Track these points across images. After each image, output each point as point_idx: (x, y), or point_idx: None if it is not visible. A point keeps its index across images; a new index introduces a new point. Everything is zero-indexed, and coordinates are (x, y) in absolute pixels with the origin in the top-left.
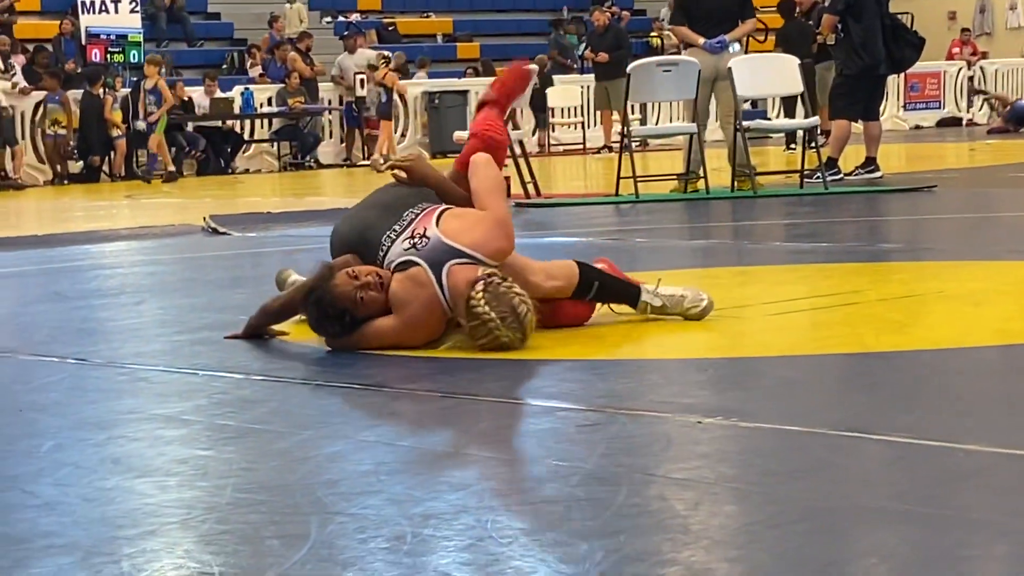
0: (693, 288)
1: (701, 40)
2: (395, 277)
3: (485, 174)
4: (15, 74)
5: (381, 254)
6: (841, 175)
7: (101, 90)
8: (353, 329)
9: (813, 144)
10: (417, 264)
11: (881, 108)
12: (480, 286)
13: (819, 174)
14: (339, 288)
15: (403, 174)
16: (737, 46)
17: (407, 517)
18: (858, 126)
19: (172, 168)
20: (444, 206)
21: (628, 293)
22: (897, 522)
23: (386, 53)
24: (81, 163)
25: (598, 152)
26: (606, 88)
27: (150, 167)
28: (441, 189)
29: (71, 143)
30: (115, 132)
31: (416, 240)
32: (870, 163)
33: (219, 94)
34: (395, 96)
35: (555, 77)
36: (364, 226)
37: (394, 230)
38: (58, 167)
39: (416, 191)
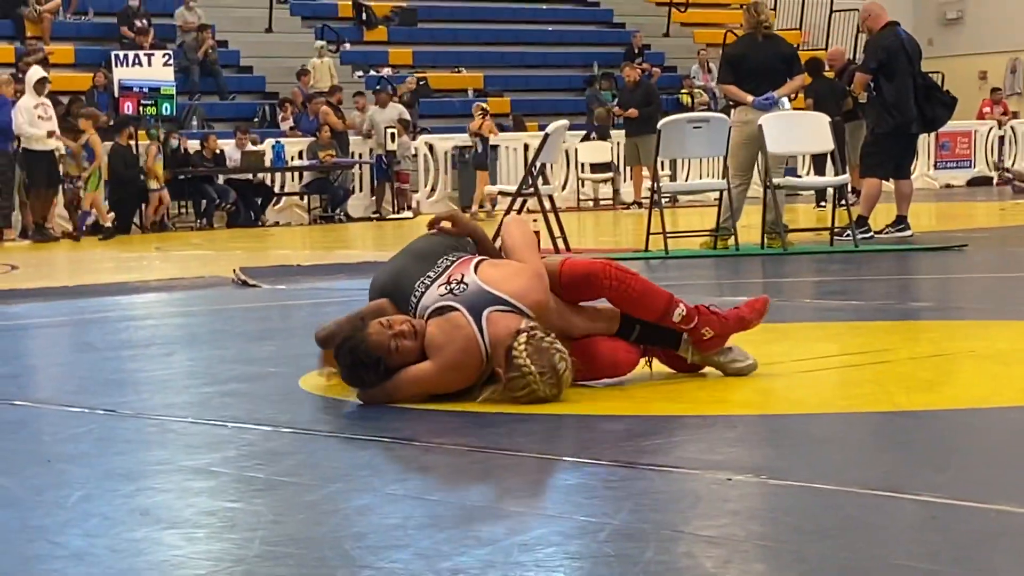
0: (739, 346)
1: (750, 98)
2: (431, 322)
3: (518, 231)
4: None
5: (414, 300)
6: (871, 233)
7: (132, 141)
8: (387, 377)
9: (844, 202)
10: (455, 309)
11: (912, 167)
12: (523, 337)
13: (849, 232)
14: (373, 337)
15: (448, 224)
16: (787, 102)
17: (435, 572)
18: (889, 184)
19: (109, 224)
20: (480, 256)
21: (671, 337)
22: None
23: (483, 104)
24: (112, 214)
25: (627, 208)
26: (636, 144)
27: (81, 223)
28: (484, 243)
29: (79, 194)
30: (153, 184)
31: (453, 286)
32: (900, 221)
33: (250, 147)
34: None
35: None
36: (398, 272)
37: (428, 276)
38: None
39: (452, 241)
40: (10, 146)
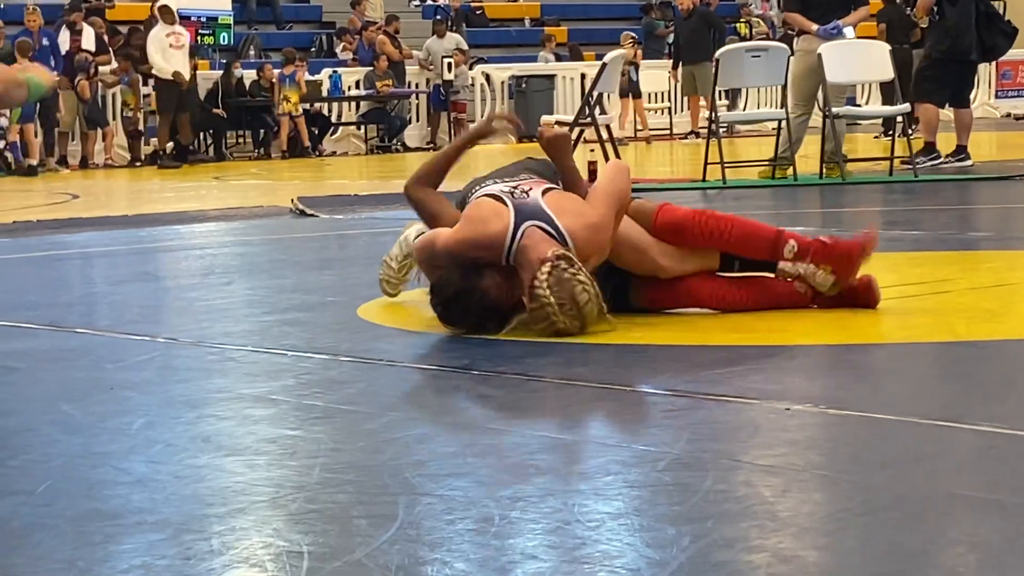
0: None
1: (815, 27)
2: (477, 200)
3: (615, 179)
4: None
5: (476, 190)
6: (941, 158)
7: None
8: (505, 322)
9: (908, 132)
10: (505, 204)
11: (972, 96)
12: (547, 268)
13: (918, 160)
14: (493, 291)
15: (553, 131)
16: (851, 31)
17: (494, 499)
18: (947, 113)
19: (34, 162)
20: (554, 186)
21: (766, 265)
22: (988, 511)
23: (631, 33)
24: (171, 144)
25: (685, 138)
26: (692, 73)
27: (16, 157)
28: (569, 176)
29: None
30: (283, 110)
31: (515, 190)
32: (960, 151)
33: (307, 77)
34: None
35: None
36: (474, 180)
37: (495, 181)
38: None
39: (540, 168)
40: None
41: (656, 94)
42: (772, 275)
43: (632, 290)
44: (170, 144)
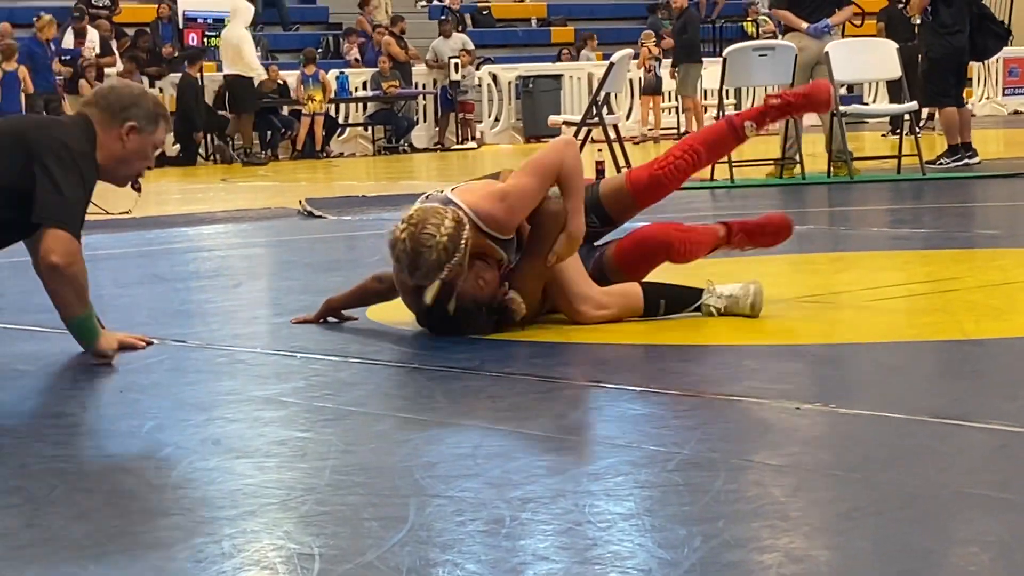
0: (742, 284)
1: (804, 24)
2: (428, 208)
3: (548, 151)
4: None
5: None
6: (974, 157)
7: (199, 73)
8: (495, 313)
9: (918, 129)
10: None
11: (980, 93)
12: (405, 223)
13: (943, 160)
14: (465, 288)
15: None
16: (837, 30)
17: (505, 500)
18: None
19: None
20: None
21: (694, 300)
22: (999, 510)
23: (651, 32)
24: (177, 146)
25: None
26: (677, 73)
27: None
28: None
29: None
30: (306, 109)
31: (430, 195)
32: (966, 148)
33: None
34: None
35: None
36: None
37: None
38: None
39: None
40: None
41: (664, 93)
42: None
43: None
44: (176, 147)
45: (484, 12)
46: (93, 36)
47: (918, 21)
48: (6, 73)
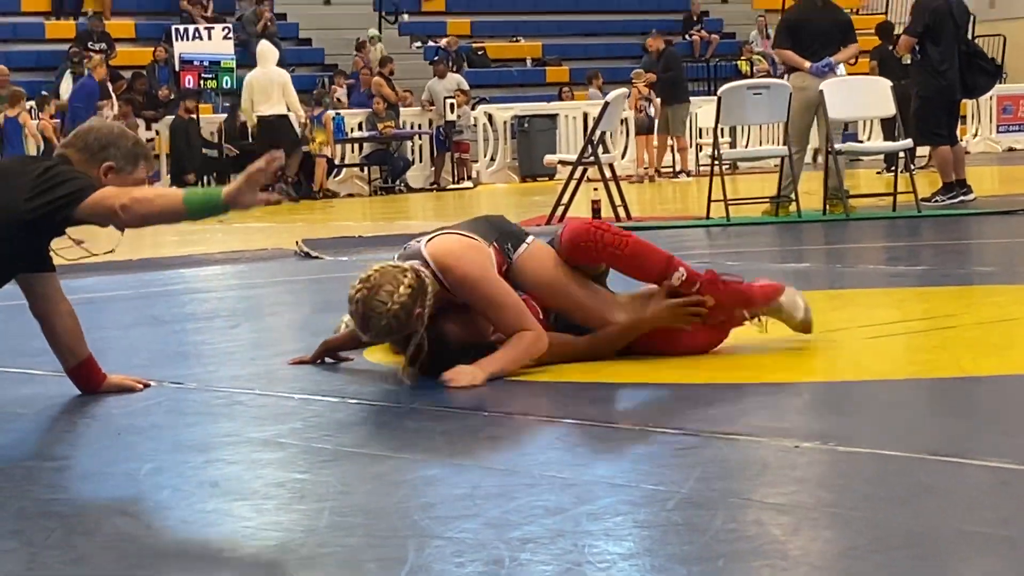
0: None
1: (807, 64)
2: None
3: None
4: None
5: None
6: (970, 194)
7: (192, 115)
8: (476, 354)
9: (912, 166)
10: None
11: (974, 130)
12: (361, 283)
13: (938, 197)
14: (448, 331)
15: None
16: (842, 68)
17: (504, 541)
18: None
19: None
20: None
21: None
22: (1001, 548)
23: (640, 70)
24: (174, 187)
25: (677, 176)
26: (667, 113)
27: None
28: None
29: None
30: (315, 149)
31: (407, 246)
32: (962, 185)
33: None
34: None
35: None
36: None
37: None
38: None
39: (485, 226)
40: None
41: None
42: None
43: None
44: (173, 187)
45: (479, 52)
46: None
47: (908, 61)
48: (8, 119)
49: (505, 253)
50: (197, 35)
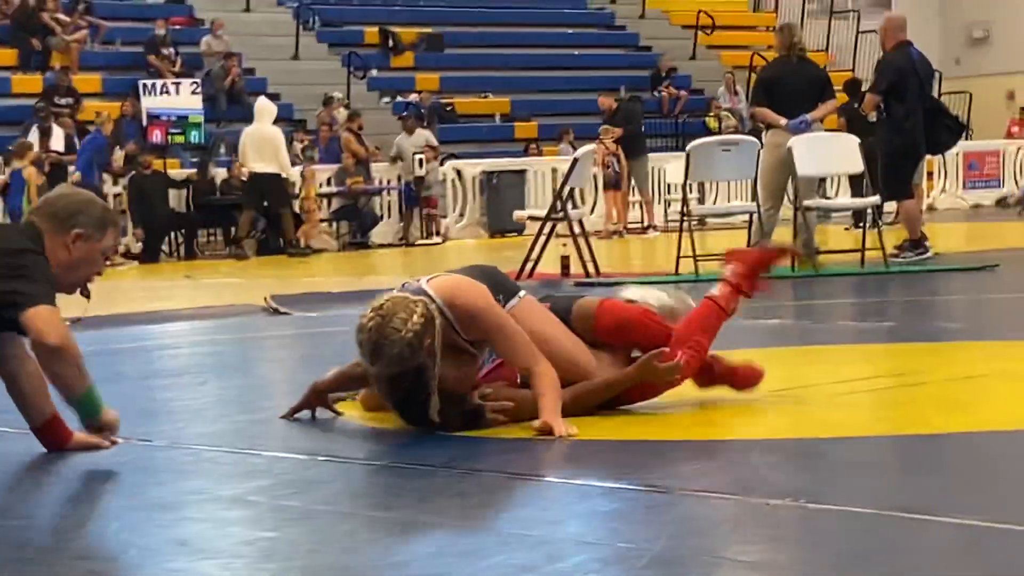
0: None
1: (784, 121)
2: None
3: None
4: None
5: None
6: (931, 252)
7: (155, 171)
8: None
9: (880, 222)
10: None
11: (941, 186)
12: (373, 311)
13: (902, 254)
14: (449, 382)
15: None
16: (819, 125)
17: None
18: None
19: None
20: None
21: None
22: None
23: (607, 126)
24: (140, 244)
25: (646, 231)
26: (631, 167)
27: None
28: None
29: None
30: (304, 206)
31: (407, 283)
32: (916, 244)
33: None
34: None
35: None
36: None
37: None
38: None
39: (483, 275)
40: (94, 178)
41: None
42: None
43: None
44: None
45: (448, 108)
46: (58, 134)
47: (874, 118)
48: (14, 172)
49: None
50: (165, 90)
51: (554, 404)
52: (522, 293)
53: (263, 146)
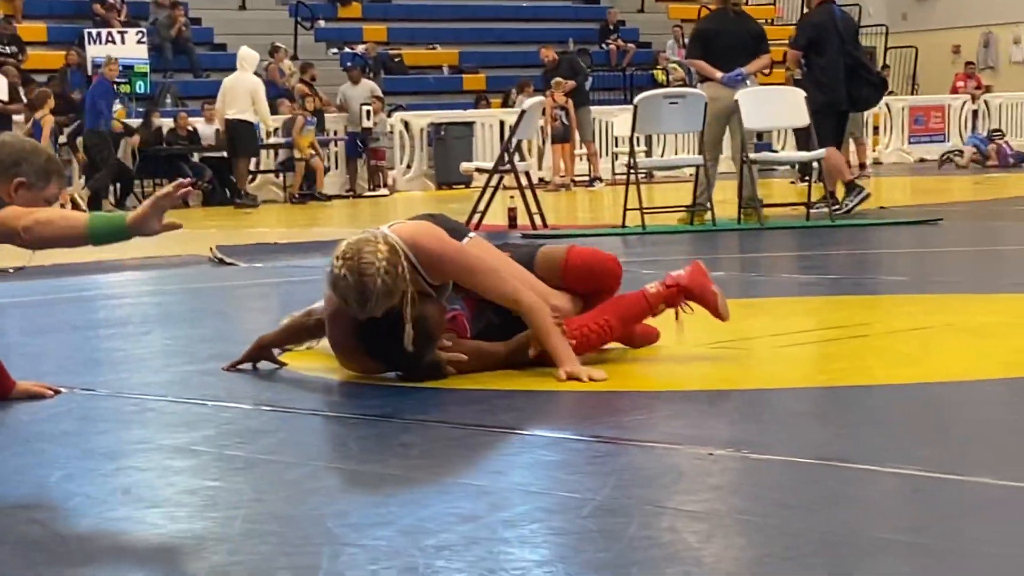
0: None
1: (719, 74)
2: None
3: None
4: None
5: None
6: (840, 206)
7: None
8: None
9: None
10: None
11: (887, 141)
12: (340, 258)
13: (844, 201)
14: (434, 317)
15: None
16: (753, 79)
17: (419, 549)
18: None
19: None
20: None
21: None
22: (912, 555)
23: (559, 79)
24: (87, 192)
25: (591, 184)
26: (577, 118)
27: None
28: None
29: None
30: (297, 154)
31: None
32: (851, 187)
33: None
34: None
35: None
36: None
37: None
38: None
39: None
40: (101, 123)
41: (574, 140)
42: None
43: None
44: (86, 191)
45: (396, 59)
46: (1, 83)
47: (798, 76)
48: (35, 122)
49: None
50: (111, 39)
51: (565, 348)
52: (472, 234)
53: (238, 94)
